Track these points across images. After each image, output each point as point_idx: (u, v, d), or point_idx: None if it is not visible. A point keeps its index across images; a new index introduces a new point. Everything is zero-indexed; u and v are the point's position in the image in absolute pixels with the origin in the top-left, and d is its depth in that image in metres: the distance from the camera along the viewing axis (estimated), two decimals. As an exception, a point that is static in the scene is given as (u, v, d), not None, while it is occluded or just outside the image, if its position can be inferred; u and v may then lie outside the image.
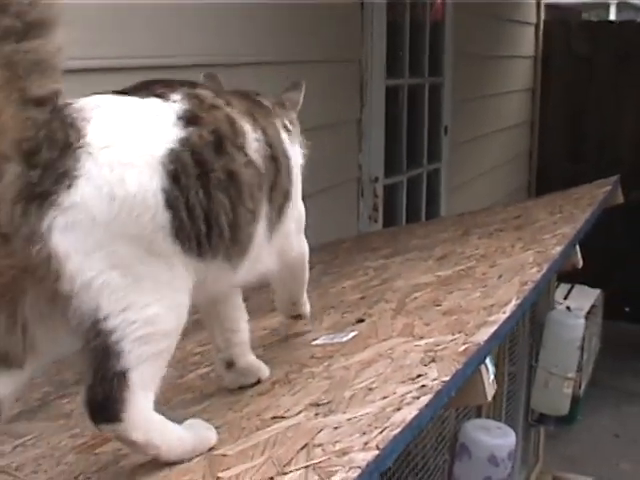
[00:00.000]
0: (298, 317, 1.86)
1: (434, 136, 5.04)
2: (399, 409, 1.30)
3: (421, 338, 1.70)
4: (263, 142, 1.39)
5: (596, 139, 7.30)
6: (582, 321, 3.14)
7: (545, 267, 2.09)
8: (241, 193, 1.30)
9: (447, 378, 1.40)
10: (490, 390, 1.58)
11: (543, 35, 7.13)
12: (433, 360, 1.52)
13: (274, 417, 1.41)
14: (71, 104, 1.17)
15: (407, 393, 1.36)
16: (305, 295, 1.81)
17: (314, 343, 1.87)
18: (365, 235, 2.89)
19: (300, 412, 1.41)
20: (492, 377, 1.59)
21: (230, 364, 1.63)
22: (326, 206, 2.79)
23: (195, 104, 1.29)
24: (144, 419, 1.24)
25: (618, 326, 6.37)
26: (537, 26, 7.06)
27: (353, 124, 3.86)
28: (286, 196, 1.49)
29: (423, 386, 1.39)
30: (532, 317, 3.04)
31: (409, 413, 1.27)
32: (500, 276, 2.11)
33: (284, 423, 1.37)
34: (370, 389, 1.44)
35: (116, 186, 1.13)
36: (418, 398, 1.33)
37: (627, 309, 6.77)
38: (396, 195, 4.61)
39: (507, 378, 2.94)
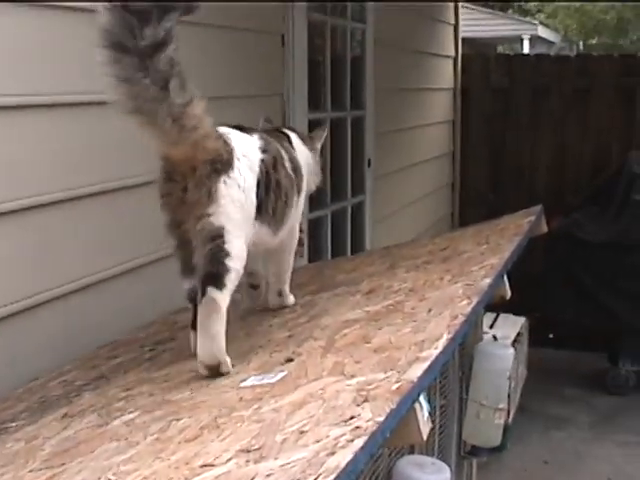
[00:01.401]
0: (280, 293, 2.54)
1: (357, 169, 5.04)
2: (333, 453, 1.26)
3: (352, 377, 1.66)
4: (290, 161, 2.35)
5: (515, 170, 7.42)
6: (511, 351, 3.14)
7: (475, 300, 2.07)
8: (281, 192, 2.25)
9: (381, 418, 1.36)
10: (425, 428, 1.55)
11: (462, 68, 7.24)
12: (366, 400, 1.48)
13: (203, 465, 1.36)
14: (219, 131, 2.08)
15: (341, 436, 1.32)
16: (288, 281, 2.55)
17: (243, 385, 1.82)
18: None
19: (230, 459, 1.35)
20: (426, 415, 1.56)
21: (280, 293, 2.52)
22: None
23: (263, 140, 2.23)
24: (226, 302, 1.99)
25: (543, 352, 6.44)
26: (455, 59, 7.16)
27: (276, 158, 3.83)
28: (299, 192, 2.42)
29: (357, 428, 1.34)
30: (461, 349, 3.02)
31: (343, 458, 1.23)
32: (430, 310, 2.09)
33: (214, 471, 1.32)
34: (302, 432, 1.40)
35: (246, 175, 2.08)
36: (352, 441, 1.29)
37: (551, 336, 6.85)
38: (321, 229, 4.60)
39: (438, 411, 2.91)
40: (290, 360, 1.92)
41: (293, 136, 2.53)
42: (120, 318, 2.68)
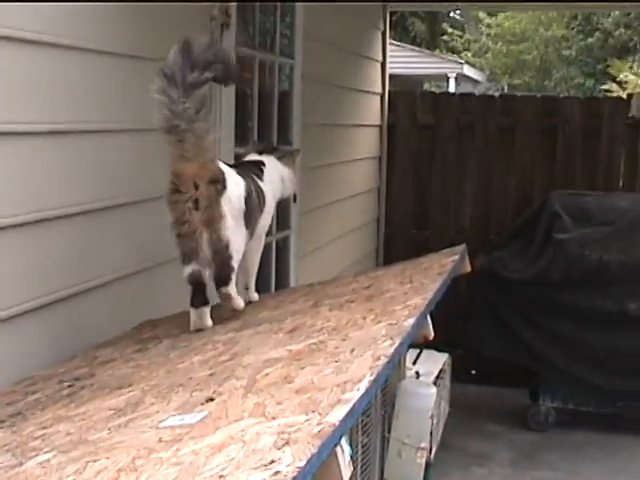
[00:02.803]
0: (246, 287, 3.18)
1: (283, 204, 5.02)
2: (252, 499, 1.24)
3: (273, 419, 1.64)
4: (256, 189, 3.02)
5: (440, 206, 7.49)
6: (433, 390, 3.16)
7: (398, 340, 2.07)
8: (260, 202, 3.02)
9: (302, 463, 1.35)
10: (346, 472, 1.54)
11: (388, 105, 7.31)
12: (287, 443, 1.46)
13: (118, 511, 1.33)
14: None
15: (260, 481, 1.30)
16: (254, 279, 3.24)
17: (162, 425, 1.79)
18: (213, 307, 2.83)
19: (147, 505, 1.33)
20: (348, 458, 1.55)
21: (246, 286, 3.16)
22: (176, 277, 2.73)
23: (238, 169, 2.98)
24: (234, 288, 2.82)
25: (466, 389, 6.49)
26: (382, 96, 7.23)
27: (202, 192, 3.80)
28: (263, 208, 3.10)
29: (277, 473, 1.33)
30: (384, 387, 3.03)
31: (262, 504, 1.21)
32: (352, 350, 2.08)
33: (129, 518, 1.28)
34: (221, 477, 1.38)
35: (236, 191, 2.82)
36: (272, 487, 1.28)
37: (473, 372, 6.90)
38: (246, 264, 4.56)
39: (360, 450, 2.90)
40: (211, 400, 1.89)
41: (267, 160, 3.22)
42: (40, 351, 2.62)
